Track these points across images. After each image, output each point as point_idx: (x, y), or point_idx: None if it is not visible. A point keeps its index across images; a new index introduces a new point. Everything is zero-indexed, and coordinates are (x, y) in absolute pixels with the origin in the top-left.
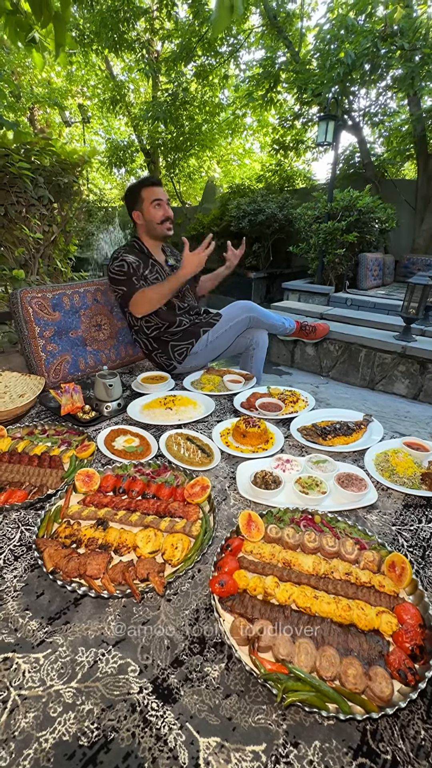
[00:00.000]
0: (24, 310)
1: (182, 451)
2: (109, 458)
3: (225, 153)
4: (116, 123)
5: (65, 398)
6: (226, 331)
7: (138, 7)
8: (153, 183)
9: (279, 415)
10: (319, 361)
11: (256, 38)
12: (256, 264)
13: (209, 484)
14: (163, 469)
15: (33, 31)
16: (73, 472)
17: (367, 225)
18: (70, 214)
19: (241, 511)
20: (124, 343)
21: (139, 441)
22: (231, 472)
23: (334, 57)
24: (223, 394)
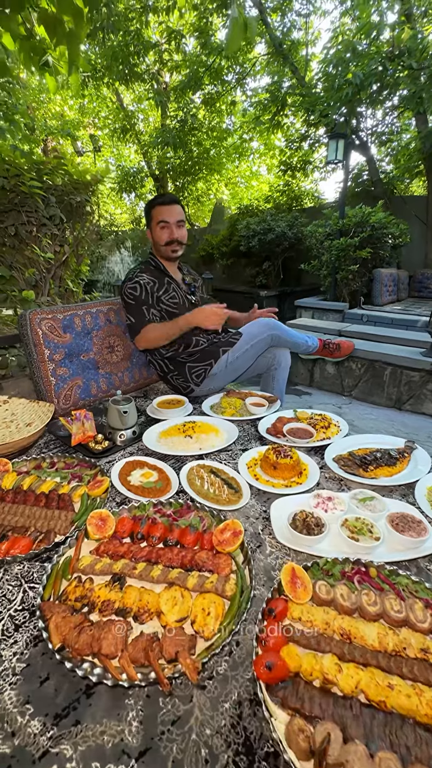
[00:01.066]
0: (33, 332)
1: (206, 487)
2: (125, 496)
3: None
4: (126, 151)
5: (76, 426)
6: (247, 350)
7: (147, 41)
8: (162, 203)
9: (310, 443)
10: (341, 380)
11: (262, 66)
12: (267, 282)
13: (241, 529)
14: (186, 508)
15: (46, 54)
16: (84, 513)
17: (380, 241)
18: (82, 234)
19: (281, 561)
20: (138, 366)
21: (158, 475)
22: (263, 511)
23: (341, 78)
24: (245, 419)
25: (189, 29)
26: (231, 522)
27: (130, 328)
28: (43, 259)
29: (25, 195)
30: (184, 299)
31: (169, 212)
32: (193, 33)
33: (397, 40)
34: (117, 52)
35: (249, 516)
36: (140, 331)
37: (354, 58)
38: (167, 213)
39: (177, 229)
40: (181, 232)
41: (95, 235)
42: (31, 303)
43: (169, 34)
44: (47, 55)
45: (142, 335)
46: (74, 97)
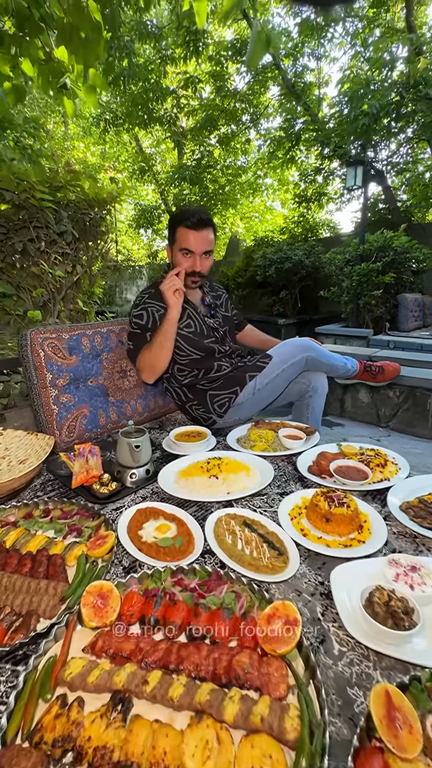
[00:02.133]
0: (34, 353)
1: (240, 546)
2: (135, 558)
3: (247, 211)
4: (144, 191)
5: (78, 464)
6: (278, 375)
7: (166, 88)
8: (190, 226)
9: (365, 485)
10: (376, 409)
11: (275, 109)
12: (284, 311)
13: (297, 617)
14: (215, 579)
15: (65, 76)
16: (80, 585)
17: (403, 266)
18: (96, 253)
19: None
20: (153, 393)
21: (177, 528)
22: (320, 583)
23: (357, 109)
24: (280, 454)
25: (205, 77)
26: (281, 605)
27: (130, 355)
28: (51, 277)
29: (35, 209)
30: (201, 325)
31: (196, 240)
32: (209, 80)
33: (413, 71)
34: (137, 98)
35: (301, 591)
36: (137, 361)
37: (367, 93)
38: (194, 241)
39: (201, 261)
40: (206, 263)
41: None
42: (37, 324)
43: (186, 80)
44: (65, 77)
45: (140, 361)
46: (96, 143)
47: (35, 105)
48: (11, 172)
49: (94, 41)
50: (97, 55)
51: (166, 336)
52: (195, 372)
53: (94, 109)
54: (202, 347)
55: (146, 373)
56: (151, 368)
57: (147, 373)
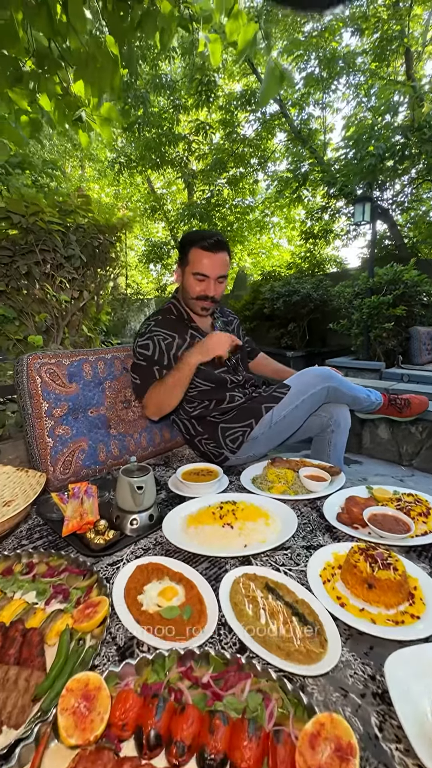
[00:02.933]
0: (30, 380)
1: (264, 619)
2: (132, 636)
3: (255, 247)
4: (155, 229)
5: (71, 507)
6: (297, 407)
7: (178, 134)
8: (206, 247)
9: (407, 539)
10: (397, 446)
11: (282, 154)
12: (293, 343)
13: (353, 742)
14: (234, 671)
15: (80, 109)
16: (60, 674)
17: (414, 299)
18: (104, 280)
19: None
20: (159, 426)
21: (185, 593)
22: (369, 676)
23: (363, 151)
24: (302, 497)
25: (216, 125)
26: (328, 720)
27: (136, 390)
28: (56, 302)
29: (43, 232)
30: None
31: (211, 263)
32: (219, 127)
33: (417, 115)
34: (150, 143)
35: (347, 690)
36: (145, 397)
37: (372, 137)
38: (209, 264)
39: (215, 285)
40: (219, 288)
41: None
42: (37, 349)
43: (198, 126)
44: (81, 110)
45: (146, 398)
46: (110, 185)
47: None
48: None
49: (109, 70)
50: (111, 83)
51: (180, 381)
52: (205, 404)
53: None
54: (213, 378)
55: (151, 411)
56: (158, 409)
57: (152, 412)
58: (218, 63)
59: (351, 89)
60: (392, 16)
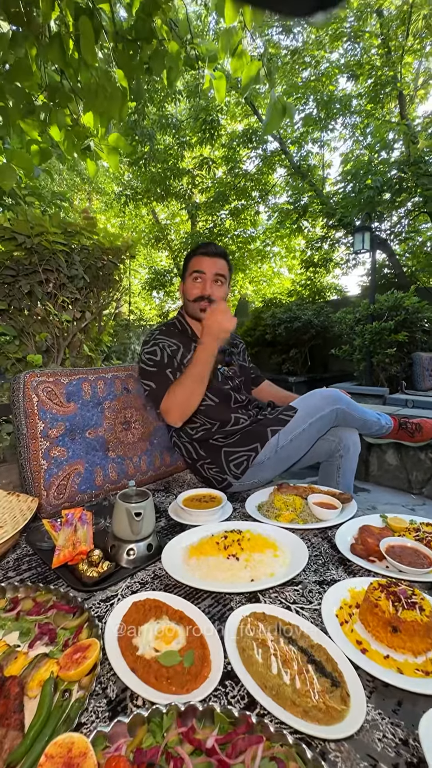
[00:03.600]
0: (26, 398)
1: (276, 668)
2: (125, 686)
3: (256, 275)
4: (158, 257)
5: (63, 535)
6: (304, 430)
7: (182, 169)
8: (204, 253)
9: (429, 573)
10: (407, 473)
11: (281, 188)
12: (294, 369)
13: None
14: (243, 733)
15: (89, 139)
16: (39, 734)
17: (416, 325)
18: (107, 301)
19: None
20: (160, 449)
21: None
22: (401, 740)
23: (362, 184)
24: (312, 527)
25: (219, 161)
26: None
27: (152, 398)
28: (57, 321)
29: (47, 252)
30: (215, 371)
31: (208, 264)
32: (222, 163)
33: (412, 151)
34: (156, 177)
35: (376, 757)
36: (164, 400)
37: (369, 172)
38: (206, 263)
39: (212, 285)
40: (217, 289)
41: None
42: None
43: (201, 162)
44: (89, 140)
45: (168, 399)
46: (116, 216)
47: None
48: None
49: (118, 100)
50: (119, 112)
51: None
52: (208, 426)
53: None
54: (218, 391)
55: (175, 416)
56: (182, 412)
57: (176, 417)
58: (223, 99)
59: (348, 129)
60: (385, 63)
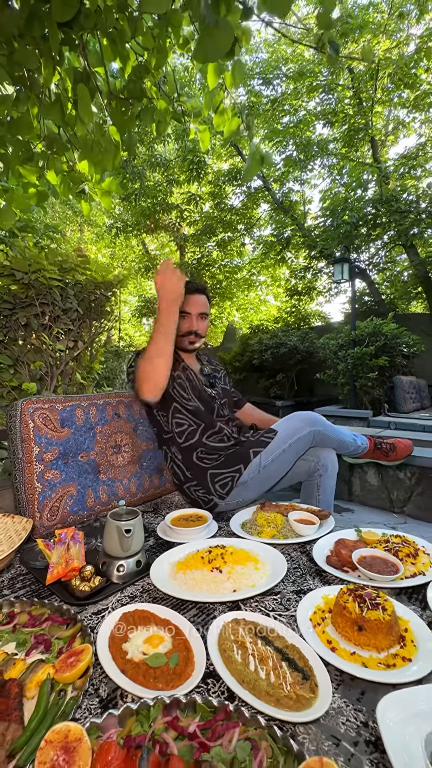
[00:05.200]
0: (23, 424)
1: (253, 665)
2: (117, 685)
3: (243, 303)
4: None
5: (57, 553)
6: (284, 451)
7: (171, 204)
8: (187, 291)
9: (397, 580)
10: (388, 492)
11: (265, 222)
12: (281, 393)
13: None
14: (222, 718)
15: (84, 184)
16: (38, 726)
17: (395, 350)
18: (99, 330)
19: None
20: (149, 471)
21: (172, 640)
22: (362, 722)
23: (339, 219)
24: (291, 542)
25: (206, 196)
26: (318, 763)
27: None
28: (51, 350)
29: (42, 286)
30: (201, 388)
31: (191, 303)
32: (209, 198)
33: (384, 191)
34: (146, 211)
35: (339, 738)
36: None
37: (346, 209)
38: (189, 304)
39: (198, 321)
40: (202, 324)
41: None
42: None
43: (189, 198)
44: (84, 185)
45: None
46: (107, 246)
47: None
48: (24, 256)
49: (111, 153)
50: (112, 162)
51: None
52: (194, 426)
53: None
54: (203, 395)
55: (149, 383)
56: (153, 374)
57: (150, 384)
58: (207, 148)
59: (325, 169)
60: (357, 112)
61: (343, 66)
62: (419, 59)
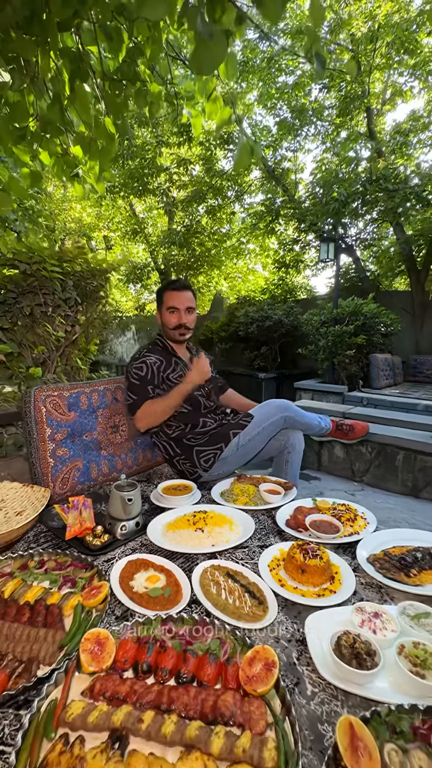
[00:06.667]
0: (36, 409)
1: (224, 596)
2: (127, 608)
3: (231, 271)
4: (135, 249)
5: (72, 516)
6: (258, 433)
7: (160, 166)
8: (175, 288)
9: (338, 538)
10: (351, 464)
11: (257, 188)
12: (265, 365)
13: (275, 659)
14: (201, 626)
15: (77, 168)
16: (77, 633)
17: (373, 329)
18: (94, 315)
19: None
20: (143, 447)
21: (166, 579)
22: (296, 630)
23: (328, 196)
24: (260, 508)
25: (196, 159)
26: (261, 649)
27: (131, 407)
28: (54, 338)
29: (44, 278)
30: None
31: (179, 298)
32: (199, 161)
33: (374, 169)
34: (133, 172)
35: (279, 638)
36: (140, 407)
37: (336, 181)
38: (177, 299)
39: (185, 315)
40: (189, 317)
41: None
42: (37, 380)
43: (179, 161)
44: (78, 169)
45: (142, 410)
46: (93, 206)
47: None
48: (26, 247)
49: (110, 150)
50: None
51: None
52: (182, 426)
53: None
54: (191, 399)
55: (143, 424)
56: (148, 424)
57: (144, 425)
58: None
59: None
60: (354, 79)
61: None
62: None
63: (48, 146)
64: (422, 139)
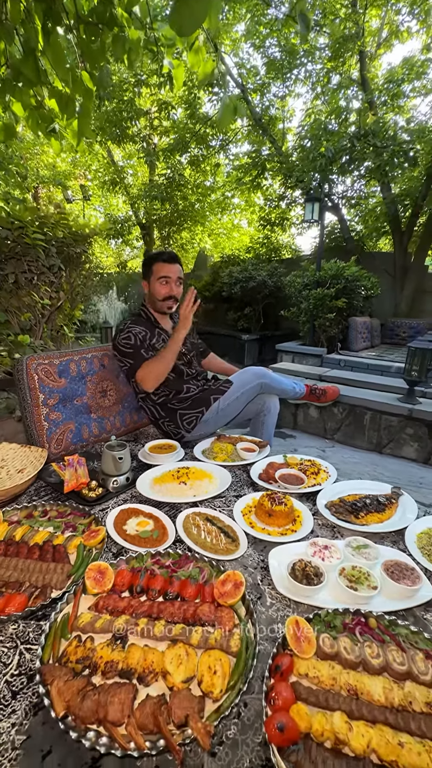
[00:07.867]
0: (29, 377)
1: (203, 536)
2: (122, 546)
3: (215, 227)
4: (115, 201)
5: (69, 473)
6: (237, 398)
7: (139, 108)
8: (166, 260)
9: (302, 489)
10: (324, 423)
11: (243, 136)
12: (248, 327)
13: (242, 580)
14: (184, 559)
15: (54, 123)
16: (81, 566)
17: (354, 292)
18: (78, 281)
19: (283, 613)
20: (130, 410)
21: (154, 524)
22: (261, 560)
23: (315, 151)
24: (237, 464)
25: (178, 101)
26: (231, 573)
27: (131, 371)
28: (39, 305)
29: (27, 245)
30: None
31: (171, 269)
32: (182, 104)
33: (363, 123)
34: (111, 116)
35: (247, 566)
36: (139, 371)
37: (325, 135)
38: (169, 270)
39: (176, 286)
40: (179, 289)
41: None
42: (25, 347)
43: (160, 104)
44: (54, 123)
45: (142, 374)
46: (67, 151)
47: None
48: (7, 213)
49: (88, 109)
50: (90, 122)
51: (174, 353)
52: (166, 392)
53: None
54: (175, 367)
55: (152, 383)
56: (157, 380)
57: (152, 383)
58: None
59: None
60: (349, 17)
61: None
62: None
63: (21, 97)
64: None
